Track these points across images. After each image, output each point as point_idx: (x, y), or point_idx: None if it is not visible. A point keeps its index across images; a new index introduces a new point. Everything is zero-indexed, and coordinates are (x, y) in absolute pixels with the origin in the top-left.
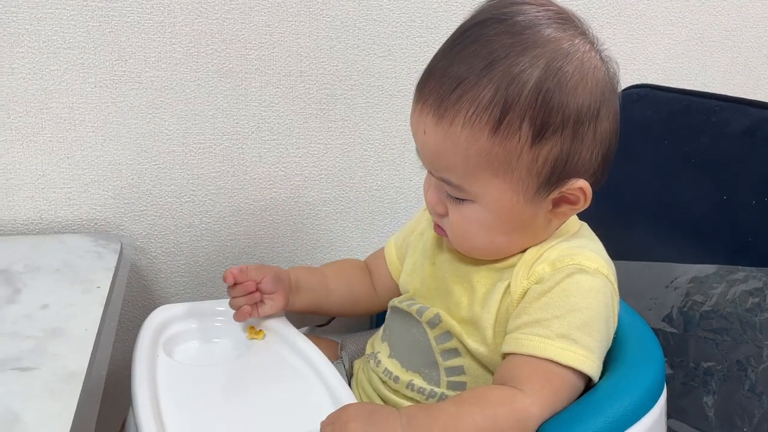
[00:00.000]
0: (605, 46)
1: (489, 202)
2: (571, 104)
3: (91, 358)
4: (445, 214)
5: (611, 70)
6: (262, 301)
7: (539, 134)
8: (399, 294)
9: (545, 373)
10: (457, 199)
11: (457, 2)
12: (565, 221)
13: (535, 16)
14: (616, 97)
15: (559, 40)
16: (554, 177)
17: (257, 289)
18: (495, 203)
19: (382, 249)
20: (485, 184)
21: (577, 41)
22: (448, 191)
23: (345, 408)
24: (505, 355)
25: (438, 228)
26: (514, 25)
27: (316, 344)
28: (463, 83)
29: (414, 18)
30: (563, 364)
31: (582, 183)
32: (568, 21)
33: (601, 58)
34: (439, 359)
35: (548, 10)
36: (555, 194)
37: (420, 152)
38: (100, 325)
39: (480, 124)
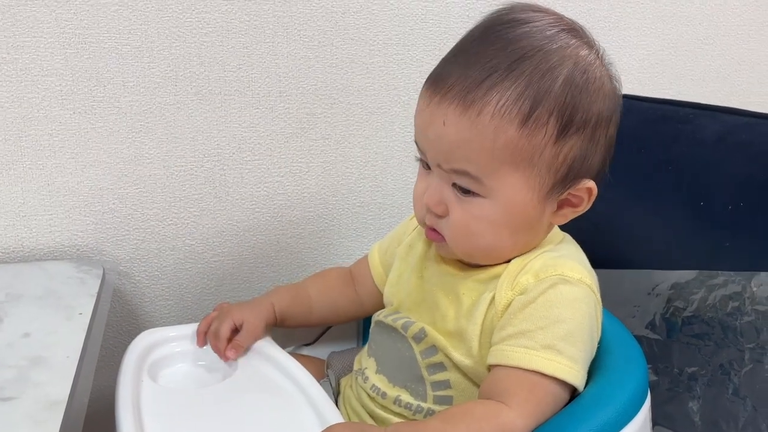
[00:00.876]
0: (611, 60)
1: (502, 199)
2: (594, 106)
3: (72, 385)
4: (445, 215)
5: (618, 80)
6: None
7: (564, 131)
8: (382, 301)
9: (530, 385)
10: (465, 195)
11: (433, 20)
12: (560, 224)
13: (552, 23)
14: (621, 107)
15: (579, 47)
16: (570, 176)
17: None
18: (508, 199)
19: (366, 256)
20: (503, 179)
21: (590, 52)
22: (461, 184)
23: (331, 428)
24: (490, 367)
25: (432, 232)
26: (538, 28)
27: (302, 363)
28: (492, 75)
29: (390, 36)
30: (549, 375)
31: (591, 183)
32: (581, 32)
33: (608, 70)
34: (425, 374)
35: (562, 20)
36: (564, 195)
37: (431, 145)
38: (82, 352)
39: (510, 115)
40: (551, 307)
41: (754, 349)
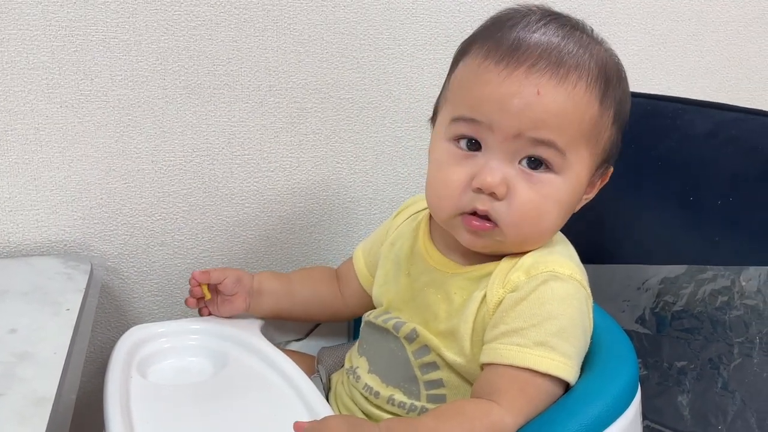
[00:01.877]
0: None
1: (573, 176)
2: (628, 95)
3: (60, 381)
4: (505, 197)
5: None
6: (222, 301)
7: (618, 114)
8: (368, 302)
9: (522, 383)
10: (538, 169)
11: (423, 14)
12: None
13: (580, 27)
14: None
15: (608, 48)
16: (607, 159)
17: (217, 291)
18: (577, 178)
19: (351, 258)
20: (579, 154)
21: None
22: (542, 155)
23: (326, 420)
24: (483, 366)
25: (477, 222)
26: (576, 27)
27: (293, 359)
28: (575, 54)
29: (381, 30)
30: (542, 372)
31: (611, 169)
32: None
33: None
34: (418, 373)
35: (581, 24)
36: (595, 179)
37: (513, 116)
38: (69, 347)
39: (595, 91)
40: (543, 303)
41: (743, 343)
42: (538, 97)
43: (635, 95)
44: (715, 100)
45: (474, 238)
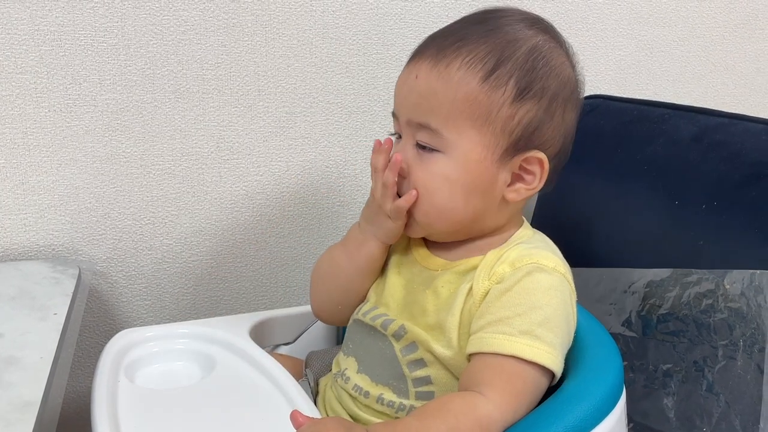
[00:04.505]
0: (581, 66)
1: (459, 154)
2: (551, 80)
3: (46, 386)
4: (406, 175)
5: (580, 84)
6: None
7: (522, 93)
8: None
9: (508, 374)
10: (426, 150)
11: (412, 19)
12: (511, 211)
13: (525, 19)
14: (580, 106)
15: (549, 41)
16: (522, 141)
17: None
18: (464, 155)
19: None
20: (461, 133)
21: (558, 46)
22: (422, 140)
23: (324, 420)
24: (469, 357)
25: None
26: (514, 20)
27: (280, 363)
28: (464, 39)
29: (370, 35)
30: (527, 359)
31: (542, 155)
32: (551, 31)
33: (574, 69)
34: (406, 371)
35: (539, 21)
36: (517, 163)
37: (402, 102)
38: (56, 352)
39: (474, 70)
40: (528, 294)
41: (727, 345)
42: (416, 81)
43: (622, 100)
44: (700, 105)
45: (406, 227)
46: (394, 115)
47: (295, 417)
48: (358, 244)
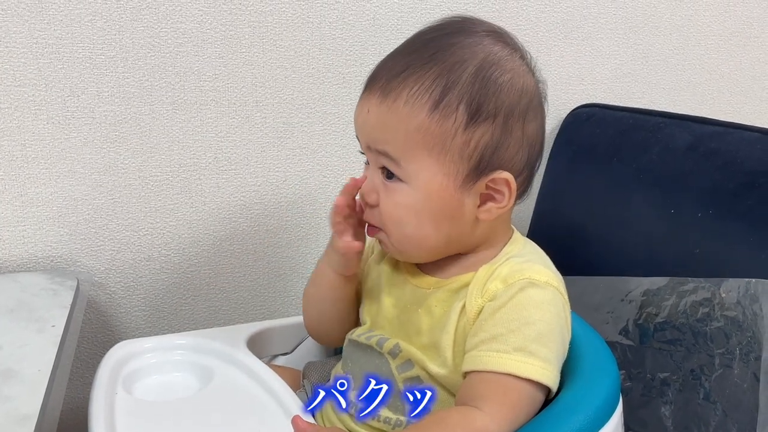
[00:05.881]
0: (538, 68)
1: (420, 184)
2: (503, 96)
3: (44, 399)
4: (377, 204)
5: (540, 85)
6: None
7: (473, 117)
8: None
9: (504, 389)
10: (390, 180)
11: (408, 30)
12: (492, 225)
13: (475, 30)
14: (542, 110)
15: (494, 45)
16: (483, 164)
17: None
18: (426, 184)
19: None
20: (419, 163)
21: (510, 52)
22: (385, 165)
23: (325, 429)
24: (465, 375)
25: (371, 228)
26: (455, 32)
27: (278, 373)
28: (409, 68)
29: (366, 46)
30: (522, 377)
31: (507, 175)
32: (504, 37)
33: (532, 72)
34: (402, 388)
35: (489, 29)
36: (482, 185)
37: (360, 131)
38: (54, 364)
39: (421, 101)
40: (521, 309)
41: (724, 354)
42: (367, 115)
43: (617, 109)
44: (696, 114)
45: (383, 246)
46: (357, 138)
47: (297, 422)
48: (320, 273)
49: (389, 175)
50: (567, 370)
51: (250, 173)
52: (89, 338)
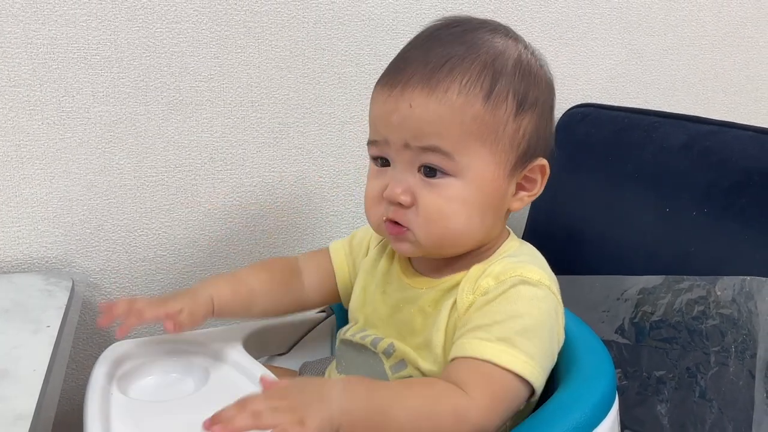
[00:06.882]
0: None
1: (473, 175)
2: (542, 86)
3: (39, 399)
4: (412, 204)
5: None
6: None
7: (521, 105)
8: (333, 294)
9: (486, 376)
10: (433, 177)
11: (404, 30)
12: (498, 223)
13: (486, 27)
14: (555, 99)
15: (517, 42)
16: (529, 152)
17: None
18: (479, 176)
19: (321, 252)
20: (473, 155)
21: (526, 46)
22: (431, 163)
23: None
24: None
25: (394, 226)
26: (472, 30)
27: (274, 374)
28: (450, 60)
29: (362, 46)
30: (502, 366)
31: (545, 162)
32: (511, 32)
33: (545, 68)
34: None
35: (495, 24)
36: (522, 174)
37: (395, 130)
38: (49, 365)
39: (474, 91)
40: (509, 303)
41: (719, 352)
42: (411, 110)
43: (612, 108)
44: (690, 113)
45: (397, 242)
46: (375, 142)
47: (263, 380)
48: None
49: (430, 172)
50: (563, 369)
51: (246, 174)
52: (84, 339)
